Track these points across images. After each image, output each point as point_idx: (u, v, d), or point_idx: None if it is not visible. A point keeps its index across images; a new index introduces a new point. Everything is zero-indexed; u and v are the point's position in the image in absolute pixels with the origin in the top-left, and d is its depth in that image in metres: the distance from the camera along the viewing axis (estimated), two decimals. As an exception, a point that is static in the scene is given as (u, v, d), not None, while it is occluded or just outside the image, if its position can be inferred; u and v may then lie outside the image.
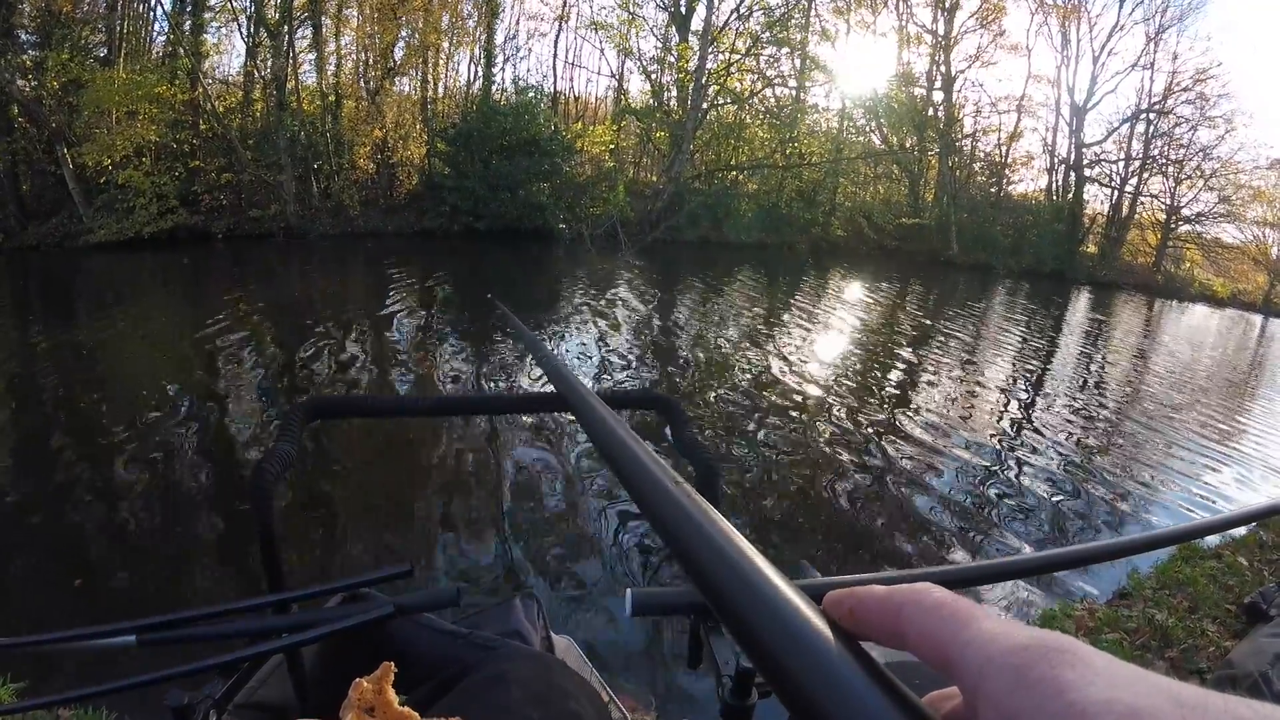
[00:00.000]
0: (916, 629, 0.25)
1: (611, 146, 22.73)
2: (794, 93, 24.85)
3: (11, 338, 7.93)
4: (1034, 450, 6.62)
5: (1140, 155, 27.15)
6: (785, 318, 12.27)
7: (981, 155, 28.05)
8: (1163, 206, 27.82)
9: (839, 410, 7.21)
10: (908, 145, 26.27)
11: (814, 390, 7.79)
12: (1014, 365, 10.66)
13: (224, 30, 17.48)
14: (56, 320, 8.99)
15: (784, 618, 0.25)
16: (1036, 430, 7.32)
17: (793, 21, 23.77)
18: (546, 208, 18.52)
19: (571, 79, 26.35)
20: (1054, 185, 27.84)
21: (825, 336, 11.11)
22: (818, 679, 0.23)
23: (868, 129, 26.92)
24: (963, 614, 0.24)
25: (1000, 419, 7.56)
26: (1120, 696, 0.18)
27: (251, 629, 0.69)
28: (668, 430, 0.90)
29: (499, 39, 21.57)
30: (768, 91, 24.52)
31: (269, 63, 17.06)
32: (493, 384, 7.25)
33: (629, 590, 0.65)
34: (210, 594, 3.53)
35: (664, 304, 12.38)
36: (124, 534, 4.09)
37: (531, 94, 20.71)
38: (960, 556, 4.52)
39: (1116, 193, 27.65)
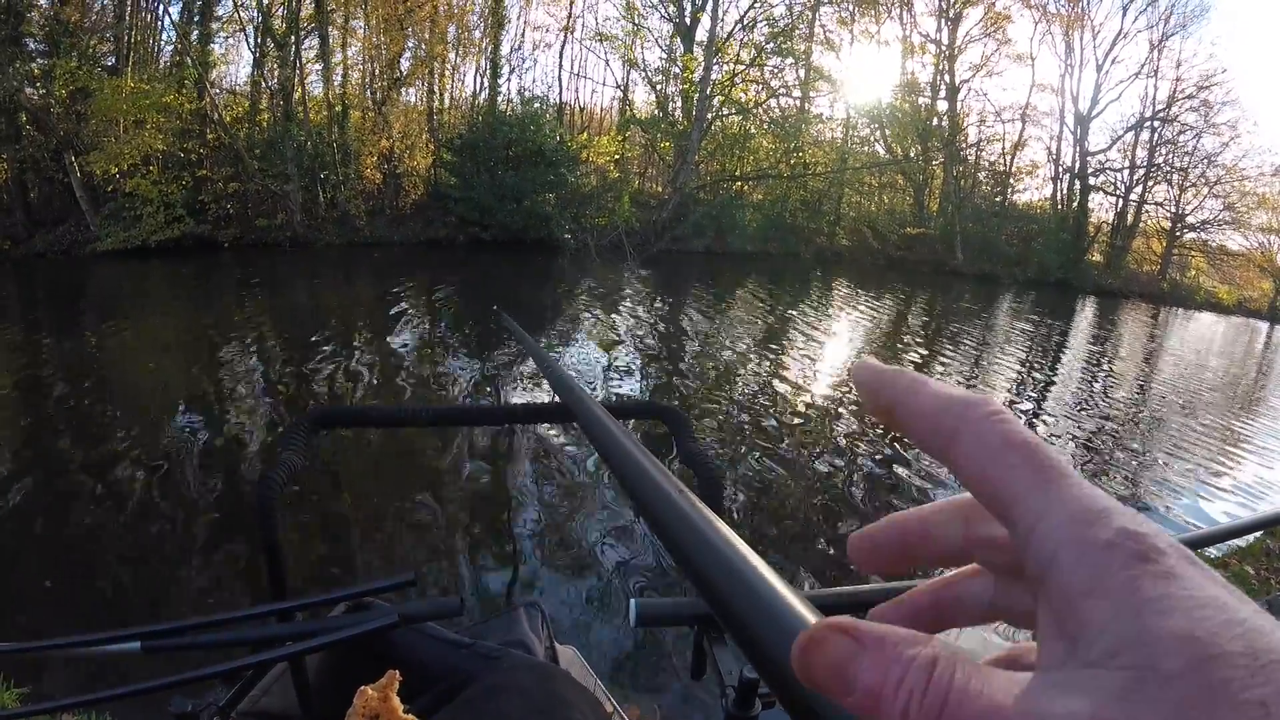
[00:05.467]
0: (977, 467, 0.21)
1: (617, 157, 22.78)
2: (798, 103, 24.93)
3: (18, 345, 7.96)
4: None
5: (1145, 163, 27.15)
6: (791, 328, 12.26)
7: (986, 164, 28.08)
8: (1168, 214, 27.81)
9: (844, 420, 7.19)
10: (912, 155, 26.28)
11: (820, 400, 7.78)
12: (1020, 375, 10.64)
13: (231, 40, 17.66)
14: (63, 328, 9.03)
15: (789, 627, 0.24)
16: (1043, 439, 7.29)
17: (797, 32, 23.87)
18: (552, 218, 18.56)
19: (577, 90, 26.35)
20: (1059, 194, 27.84)
21: (831, 346, 11.10)
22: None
23: (872, 139, 26.99)
24: (1040, 464, 0.20)
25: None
26: (1198, 635, 0.16)
27: (255, 637, 0.69)
28: (673, 440, 0.91)
29: (505, 50, 21.69)
30: (772, 102, 24.61)
31: (276, 73, 17.16)
32: (498, 395, 7.26)
33: (633, 600, 0.65)
34: (214, 602, 3.53)
35: (669, 314, 12.38)
36: (128, 542, 4.10)
37: (537, 105, 20.77)
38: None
39: (1121, 201, 27.65)
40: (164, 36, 17.00)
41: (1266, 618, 0.17)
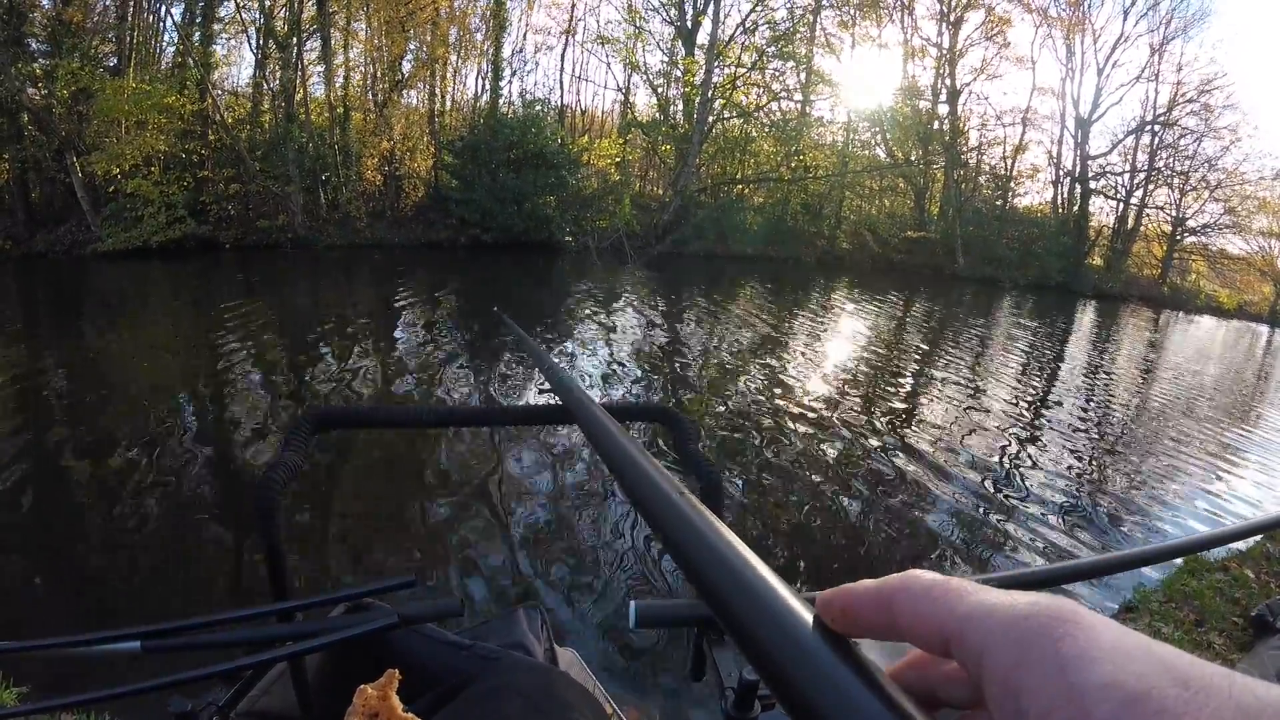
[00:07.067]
0: (910, 616, 0.23)
1: (618, 160, 22.81)
2: (799, 106, 24.94)
3: (19, 345, 7.96)
4: (1039, 465, 6.59)
5: (1145, 167, 27.20)
6: (791, 331, 12.26)
7: (987, 168, 28.09)
8: (1168, 218, 27.86)
9: (844, 424, 7.19)
10: (913, 158, 26.30)
11: (819, 404, 7.77)
12: (1020, 380, 10.62)
13: (233, 42, 17.72)
14: (64, 328, 9.03)
15: (790, 629, 0.24)
16: (1042, 445, 7.29)
17: (798, 35, 23.89)
18: (553, 220, 18.60)
19: (578, 92, 26.57)
20: (1059, 198, 27.87)
21: (830, 350, 11.10)
22: (823, 691, 0.22)
23: (873, 142, 27.01)
24: (955, 591, 0.23)
25: (1006, 434, 7.53)
26: (1122, 680, 0.17)
27: (255, 637, 0.69)
28: (673, 441, 0.91)
29: (506, 52, 21.76)
30: (773, 105, 24.63)
31: (278, 74, 17.19)
32: (499, 396, 7.26)
33: (633, 602, 0.64)
34: (215, 602, 3.53)
35: (669, 316, 12.38)
36: (129, 542, 4.09)
37: (538, 107, 20.85)
38: (962, 571, 4.49)
39: (1122, 205, 27.70)
40: (166, 37, 17.10)
41: (1194, 659, 0.18)
